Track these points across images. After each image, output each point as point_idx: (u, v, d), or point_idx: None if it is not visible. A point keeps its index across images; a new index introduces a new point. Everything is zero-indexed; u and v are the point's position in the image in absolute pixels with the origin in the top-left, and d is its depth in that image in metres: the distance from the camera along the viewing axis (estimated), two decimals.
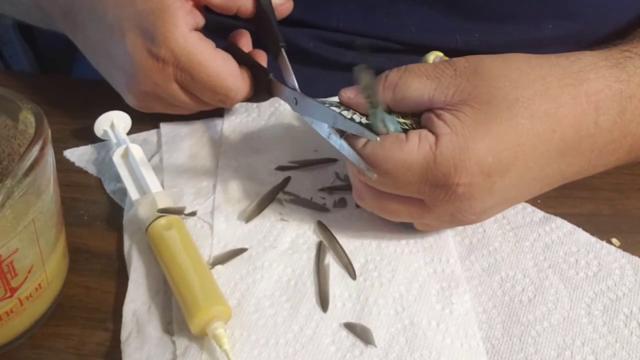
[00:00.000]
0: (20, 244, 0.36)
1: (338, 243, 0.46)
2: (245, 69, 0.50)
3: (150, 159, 0.53)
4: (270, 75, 0.50)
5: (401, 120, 0.42)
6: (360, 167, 0.41)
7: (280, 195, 0.50)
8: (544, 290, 0.43)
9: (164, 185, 0.51)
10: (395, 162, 0.39)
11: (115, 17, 0.48)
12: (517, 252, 0.45)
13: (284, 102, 0.57)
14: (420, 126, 0.41)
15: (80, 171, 0.54)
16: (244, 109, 0.58)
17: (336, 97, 0.44)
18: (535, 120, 0.39)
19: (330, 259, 0.45)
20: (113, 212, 0.50)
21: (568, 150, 0.41)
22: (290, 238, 0.47)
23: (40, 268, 0.39)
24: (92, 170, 0.54)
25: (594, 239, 0.46)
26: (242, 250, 0.45)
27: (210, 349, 0.39)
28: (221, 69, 0.47)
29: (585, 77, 0.41)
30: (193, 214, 0.48)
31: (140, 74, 0.48)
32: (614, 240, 0.46)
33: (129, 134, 0.55)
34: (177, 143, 0.55)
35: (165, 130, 0.56)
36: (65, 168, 0.53)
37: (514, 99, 0.39)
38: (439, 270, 0.44)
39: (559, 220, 0.47)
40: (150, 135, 0.56)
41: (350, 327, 0.41)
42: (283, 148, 0.54)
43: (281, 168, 0.52)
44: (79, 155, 0.55)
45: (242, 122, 0.57)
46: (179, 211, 0.46)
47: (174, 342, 0.40)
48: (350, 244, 0.46)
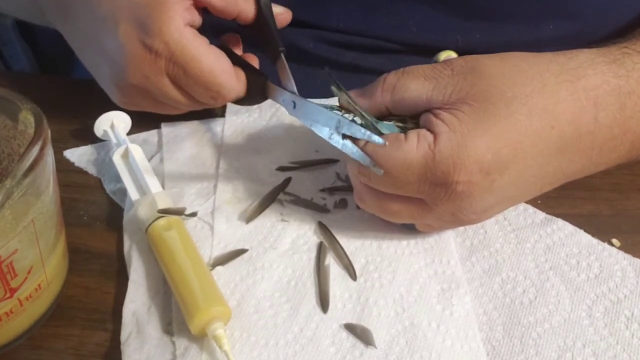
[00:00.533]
0: (19, 245, 0.36)
1: (339, 244, 0.46)
2: (240, 69, 0.50)
3: (150, 160, 0.53)
4: (266, 77, 0.49)
5: (400, 124, 0.42)
6: (365, 164, 0.41)
7: (281, 196, 0.50)
8: (545, 291, 0.43)
9: (165, 185, 0.51)
10: (394, 162, 0.39)
11: (109, 7, 0.47)
12: (518, 253, 0.45)
13: None
14: (419, 129, 0.41)
15: (80, 171, 0.54)
16: (245, 110, 0.58)
17: (333, 98, 0.44)
18: (534, 116, 0.39)
19: (330, 260, 0.45)
20: (113, 213, 0.50)
21: (568, 147, 0.41)
22: (291, 239, 0.47)
23: (39, 268, 0.39)
24: (92, 170, 0.54)
25: (595, 240, 0.46)
26: (242, 251, 0.45)
27: (210, 350, 0.39)
28: (215, 65, 0.46)
29: (583, 73, 0.41)
30: (194, 214, 0.48)
31: (130, 65, 0.46)
32: (614, 240, 0.46)
33: (128, 134, 0.55)
34: (178, 143, 0.55)
35: (166, 131, 0.56)
36: (65, 168, 0.53)
37: (512, 96, 0.39)
38: (440, 272, 0.44)
39: (560, 222, 0.47)
40: (150, 135, 0.56)
41: (351, 328, 0.41)
42: (284, 149, 0.54)
43: (282, 169, 0.52)
44: (79, 156, 0.55)
45: (243, 123, 0.57)
46: (179, 212, 0.46)
47: (173, 343, 0.40)
48: (350, 244, 0.46)
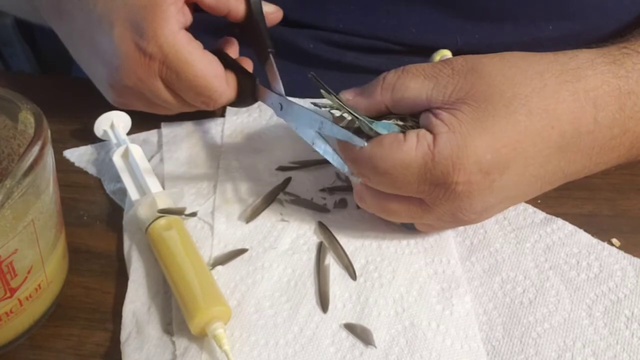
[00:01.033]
0: (19, 245, 0.36)
1: (338, 244, 0.46)
2: (231, 73, 0.50)
3: (150, 159, 0.53)
4: (257, 80, 0.49)
5: (400, 123, 0.42)
6: (344, 172, 0.42)
7: (281, 196, 0.50)
8: (544, 291, 0.43)
9: (165, 185, 0.51)
10: (393, 162, 0.39)
11: (104, 8, 0.47)
12: (518, 253, 0.45)
13: None
14: (419, 128, 0.41)
15: (80, 171, 0.54)
16: (245, 110, 0.58)
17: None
18: (534, 116, 0.39)
19: (330, 260, 0.45)
20: (113, 213, 0.50)
21: (568, 147, 0.41)
22: (291, 239, 0.47)
23: (39, 268, 0.39)
24: (91, 170, 0.54)
25: (595, 240, 0.46)
26: (242, 251, 0.45)
27: (210, 350, 0.39)
28: (207, 69, 0.47)
29: (583, 74, 0.41)
30: (193, 214, 0.48)
31: (125, 67, 0.47)
32: (614, 240, 0.46)
33: (128, 134, 0.55)
34: (178, 143, 0.55)
35: (166, 131, 0.56)
36: (65, 168, 0.53)
37: (512, 96, 0.39)
38: (440, 271, 0.44)
39: (560, 222, 0.47)
40: (150, 135, 0.56)
41: (350, 328, 0.41)
42: (284, 148, 0.54)
43: (282, 168, 0.52)
44: (79, 156, 0.55)
45: (243, 123, 0.57)
46: (179, 212, 0.46)
47: (173, 343, 0.40)
48: (350, 244, 0.46)
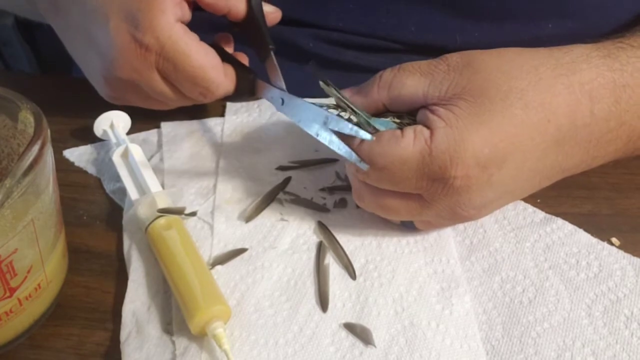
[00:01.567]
0: (19, 244, 0.36)
1: (338, 243, 0.46)
2: (229, 65, 0.49)
3: (149, 159, 0.53)
4: (255, 75, 0.49)
5: (397, 120, 0.42)
6: (352, 160, 0.41)
7: (281, 195, 0.50)
8: (544, 291, 0.43)
9: (165, 185, 0.51)
10: (392, 158, 0.40)
11: (100, 1, 0.47)
12: (517, 252, 0.45)
13: None
14: (416, 124, 0.41)
15: (80, 171, 0.54)
16: (244, 109, 0.58)
17: (330, 98, 0.44)
18: (530, 110, 0.39)
19: (330, 259, 0.45)
20: (113, 212, 0.50)
21: (565, 140, 0.41)
22: (291, 238, 0.47)
23: (39, 268, 0.39)
24: (91, 170, 0.54)
25: (594, 239, 0.46)
26: (242, 251, 0.45)
27: (210, 349, 0.39)
28: (204, 60, 0.47)
29: (578, 67, 0.41)
30: (193, 214, 0.48)
31: (120, 58, 0.46)
32: (614, 239, 0.46)
33: (128, 134, 0.55)
34: (178, 143, 0.55)
35: (166, 130, 0.56)
36: (64, 168, 0.53)
37: (508, 90, 0.39)
38: (439, 271, 0.44)
39: (559, 221, 0.47)
40: (150, 135, 0.56)
41: (350, 328, 0.41)
42: (284, 148, 0.54)
43: (282, 168, 0.52)
44: (79, 155, 0.55)
45: (243, 122, 0.57)
46: (179, 211, 0.46)
47: (173, 342, 0.40)
48: (350, 244, 0.46)
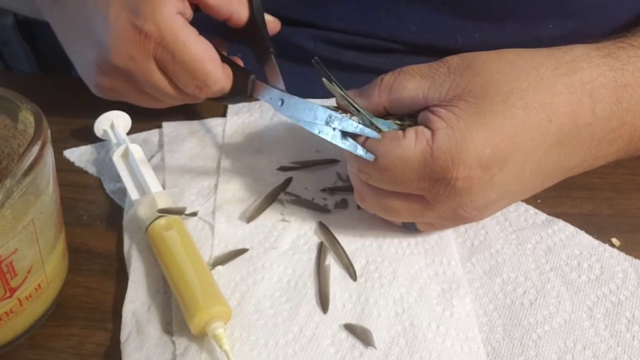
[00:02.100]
0: (19, 244, 0.36)
1: (339, 244, 0.46)
2: (226, 64, 0.49)
3: (150, 159, 0.53)
4: (254, 76, 0.49)
5: (398, 122, 0.42)
6: (356, 152, 0.41)
7: (282, 196, 0.50)
8: (545, 293, 0.43)
9: (166, 185, 0.51)
10: (393, 158, 0.40)
11: None
12: (519, 254, 0.45)
13: None
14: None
15: (80, 171, 0.54)
16: (246, 109, 0.58)
17: (333, 99, 0.44)
18: (531, 110, 0.39)
19: (331, 260, 0.45)
20: (113, 212, 0.50)
21: (566, 140, 0.41)
22: (291, 239, 0.47)
23: (39, 268, 0.39)
24: (91, 170, 0.54)
25: (596, 242, 0.46)
26: (242, 251, 0.45)
27: (210, 349, 0.39)
28: (204, 53, 0.46)
29: (579, 67, 0.41)
30: (194, 214, 0.48)
31: (118, 45, 0.46)
32: (614, 240, 0.46)
33: (128, 134, 0.55)
34: (179, 143, 0.55)
35: (167, 130, 0.56)
36: (65, 168, 0.53)
37: (508, 91, 0.39)
38: (440, 272, 0.44)
39: (561, 223, 0.47)
40: (151, 135, 0.56)
41: (350, 329, 0.41)
42: (285, 148, 0.54)
43: (283, 168, 0.52)
44: (79, 155, 0.55)
45: (244, 123, 0.57)
46: (179, 211, 0.46)
47: (173, 342, 0.40)
48: (351, 245, 0.46)
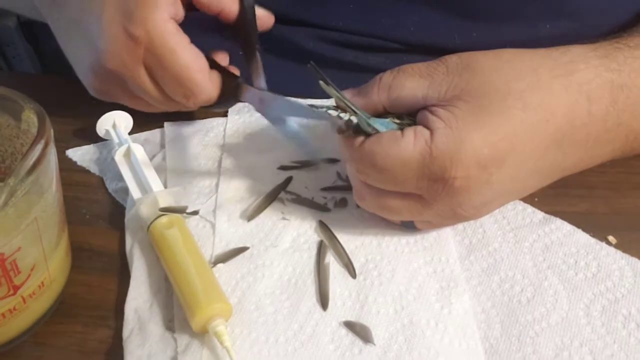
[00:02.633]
0: (23, 242, 0.37)
1: (339, 242, 0.46)
2: (215, 72, 0.49)
3: (151, 159, 0.53)
4: (239, 80, 0.49)
5: (397, 121, 0.42)
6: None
7: (282, 195, 0.50)
8: (542, 290, 0.43)
9: (167, 184, 0.51)
10: (392, 159, 0.40)
11: None
12: (516, 252, 0.45)
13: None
14: (416, 125, 0.42)
15: (83, 170, 0.54)
16: (247, 109, 0.58)
17: (331, 99, 0.44)
18: (529, 111, 0.40)
19: (330, 258, 0.45)
20: (115, 211, 0.50)
21: (563, 140, 0.41)
22: (292, 237, 0.47)
23: (43, 266, 0.39)
24: (94, 169, 0.54)
25: (593, 240, 0.46)
26: (243, 249, 0.46)
27: (211, 346, 0.40)
28: (192, 61, 0.46)
29: (576, 68, 0.41)
30: (195, 212, 0.48)
31: (110, 50, 0.46)
32: (611, 238, 0.46)
33: (130, 133, 0.55)
34: (180, 142, 0.55)
35: (169, 130, 0.56)
36: (67, 167, 0.54)
37: (507, 91, 0.40)
38: (439, 270, 0.44)
39: (558, 222, 0.48)
40: (152, 135, 0.57)
41: (350, 326, 0.41)
42: (285, 148, 0.54)
43: (283, 168, 0.52)
44: (81, 155, 0.55)
45: (245, 122, 0.57)
46: (180, 210, 0.47)
47: (175, 339, 0.40)
48: (350, 243, 0.46)
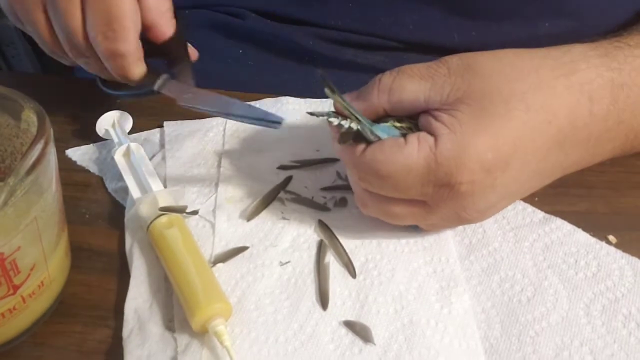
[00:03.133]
0: (22, 242, 0.37)
1: (338, 242, 0.46)
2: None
3: (151, 158, 0.53)
4: (166, 75, 0.49)
5: (398, 124, 0.42)
6: (267, 119, 0.42)
7: (282, 194, 0.50)
8: (542, 290, 0.43)
9: (167, 183, 0.51)
10: (395, 166, 0.39)
11: None
12: (516, 252, 0.45)
13: (286, 102, 0.58)
14: (418, 128, 0.41)
15: (82, 170, 0.54)
16: None
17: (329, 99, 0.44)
18: (532, 112, 0.40)
19: (330, 258, 0.45)
20: (114, 211, 0.50)
21: (565, 141, 0.41)
22: (291, 237, 0.47)
23: (42, 266, 0.39)
24: (93, 169, 0.54)
25: (593, 239, 0.46)
26: (243, 249, 0.46)
27: (211, 346, 0.40)
28: (129, 10, 0.45)
29: (577, 67, 0.41)
30: (195, 212, 0.48)
31: None
32: (611, 237, 0.46)
33: (130, 133, 0.55)
34: (180, 142, 0.55)
35: (168, 130, 0.56)
36: (67, 167, 0.54)
37: (509, 92, 0.40)
38: (439, 270, 0.44)
39: (558, 221, 0.48)
40: (152, 134, 0.57)
41: (350, 325, 0.41)
42: (285, 147, 0.54)
43: (283, 167, 0.52)
44: (81, 155, 0.55)
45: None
46: (180, 210, 0.47)
47: (175, 339, 0.40)
48: (350, 242, 0.46)
